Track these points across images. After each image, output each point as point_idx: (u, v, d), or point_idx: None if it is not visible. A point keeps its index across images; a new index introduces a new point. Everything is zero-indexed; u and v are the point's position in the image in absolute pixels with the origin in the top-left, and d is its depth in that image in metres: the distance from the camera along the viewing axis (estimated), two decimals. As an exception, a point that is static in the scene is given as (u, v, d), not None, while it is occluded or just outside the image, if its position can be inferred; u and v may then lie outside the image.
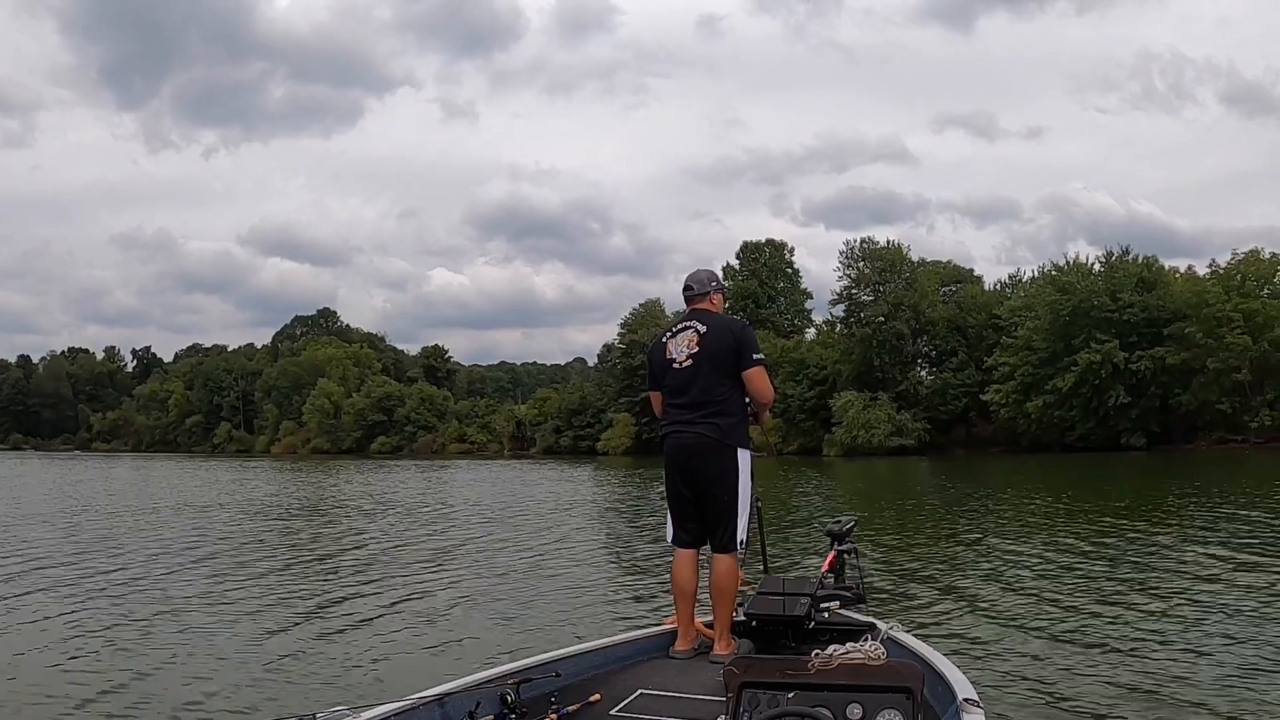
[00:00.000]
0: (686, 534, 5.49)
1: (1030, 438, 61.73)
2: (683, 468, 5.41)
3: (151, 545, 16.49)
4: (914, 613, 9.42)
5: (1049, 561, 12.95)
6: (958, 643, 8.02)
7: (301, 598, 11.16)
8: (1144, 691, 6.61)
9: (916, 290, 70.25)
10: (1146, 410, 58.15)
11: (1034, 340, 61.42)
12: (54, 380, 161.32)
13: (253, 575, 12.90)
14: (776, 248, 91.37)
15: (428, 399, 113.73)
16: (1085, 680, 6.92)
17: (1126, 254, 63.48)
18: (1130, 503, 21.89)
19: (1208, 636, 8.17)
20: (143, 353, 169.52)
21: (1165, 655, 7.59)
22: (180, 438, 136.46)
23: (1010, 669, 7.27)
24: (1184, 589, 10.46)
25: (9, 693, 7.11)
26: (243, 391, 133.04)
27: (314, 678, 7.41)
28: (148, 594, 11.40)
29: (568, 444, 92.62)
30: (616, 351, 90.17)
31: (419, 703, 3.95)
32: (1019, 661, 7.50)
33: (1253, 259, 58.53)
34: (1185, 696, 6.49)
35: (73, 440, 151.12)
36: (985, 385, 64.47)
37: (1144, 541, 14.67)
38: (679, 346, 5.45)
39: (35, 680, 7.45)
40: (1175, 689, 6.65)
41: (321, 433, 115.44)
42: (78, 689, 7.13)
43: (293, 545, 16.86)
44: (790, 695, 3.56)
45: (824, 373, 71.68)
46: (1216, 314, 54.96)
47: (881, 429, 65.64)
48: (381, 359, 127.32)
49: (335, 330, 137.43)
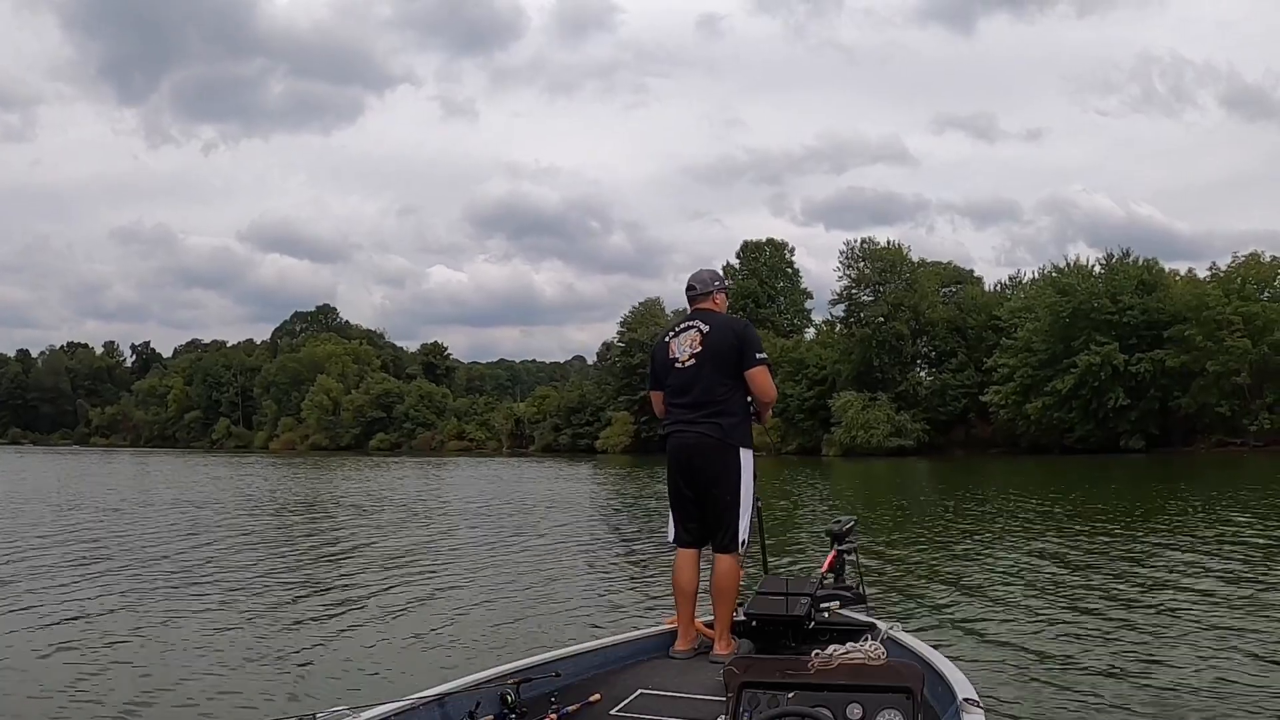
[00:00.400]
0: (688, 534, 5.48)
1: (1029, 439, 61.71)
2: (685, 467, 5.41)
3: (150, 545, 16.36)
4: (914, 613, 9.40)
5: (1049, 562, 12.93)
6: (958, 643, 8.01)
7: (300, 597, 11.09)
8: (1144, 691, 6.59)
9: (916, 291, 70.20)
10: (1146, 413, 58.16)
11: (1034, 342, 61.39)
12: (53, 375, 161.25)
13: (251, 574, 12.81)
14: (777, 247, 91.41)
15: (426, 396, 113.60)
16: (1086, 680, 6.90)
17: (1127, 256, 63.57)
18: (1131, 505, 21.84)
19: (1208, 636, 8.15)
20: (142, 348, 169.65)
21: (1165, 655, 7.57)
22: (179, 433, 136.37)
23: (1011, 669, 7.25)
24: (1183, 590, 10.44)
25: (1, 694, 7.04)
26: (242, 387, 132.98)
27: (314, 677, 7.37)
28: (146, 594, 11.29)
29: (566, 442, 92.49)
30: (616, 350, 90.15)
31: (419, 703, 3.95)
32: (1019, 661, 7.47)
33: (1253, 262, 58.59)
34: (1185, 696, 6.48)
35: (71, 435, 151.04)
36: (985, 386, 64.45)
37: (1144, 543, 14.66)
38: (681, 346, 5.44)
39: (30, 679, 7.38)
40: (1175, 688, 6.63)
41: (320, 429, 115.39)
42: (74, 689, 7.08)
43: (291, 543, 16.81)
44: (790, 695, 3.55)
45: (823, 373, 71.69)
46: (1216, 317, 54.96)
47: (880, 429, 65.63)
48: (380, 355, 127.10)
49: (335, 326, 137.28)
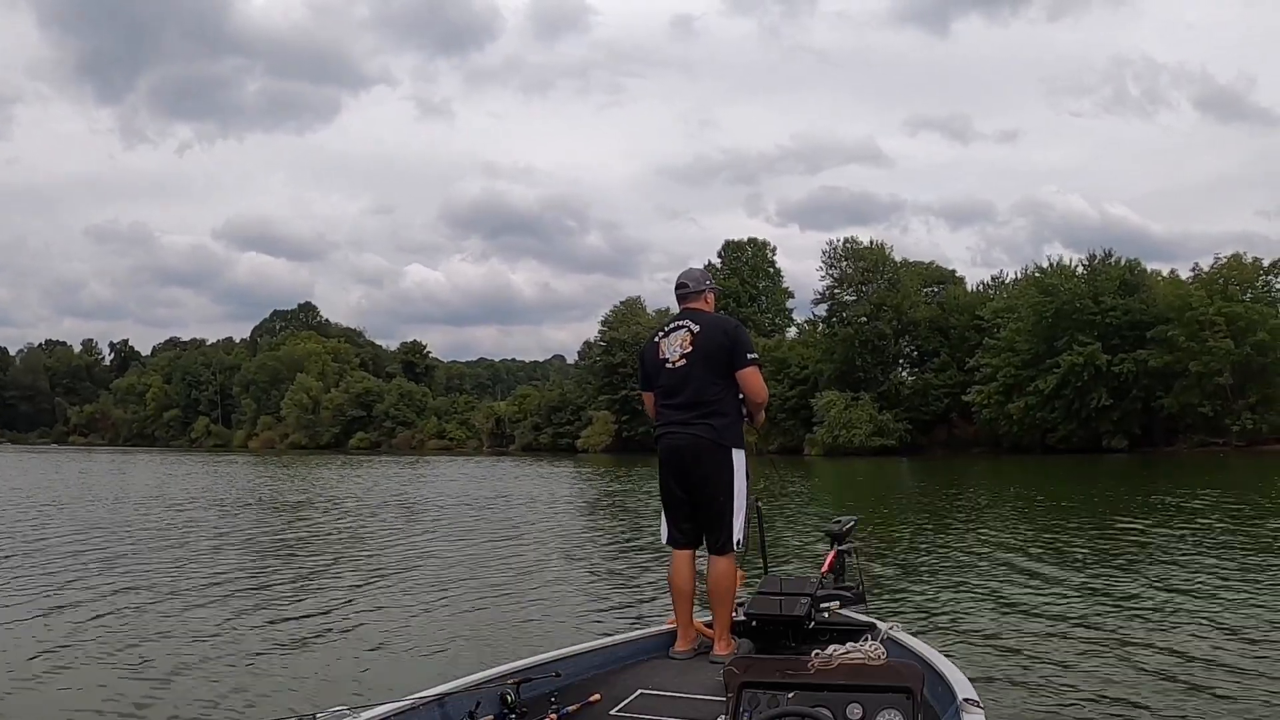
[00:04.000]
0: (682, 534, 5.43)
1: (1011, 439, 62.09)
2: (677, 468, 5.36)
3: (150, 545, 16.18)
4: (913, 613, 9.37)
5: (1047, 562, 12.91)
6: (958, 643, 7.98)
7: (299, 597, 11.00)
8: (1144, 691, 6.58)
9: (899, 291, 70.58)
10: (1128, 413, 58.64)
11: (1017, 341, 61.82)
12: (31, 373, 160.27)
13: (249, 575, 12.66)
14: (758, 246, 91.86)
15: (406, 395, 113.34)
16: (1086, 680, 6.89)
17: (1110, 257, 64.07)
18: (1121, 505, 21.89)
19: (1208, 636, 8.15)
20: (120, 346, 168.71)
21: (1165, 655, 7.56)
22: (158, 432, 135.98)
23: (1011, 669, 7.22)
24: (1183, 589, 10.44)
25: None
26: (221, 386, 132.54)
27: (313, 677, 7.33)
28: (145, 592, 11.19)
29: (547, 441, 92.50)
30: (597, 349, 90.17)
31: (419, 703, 3.92)
32: (1020, 661, 7.45)
33: (1235, 263, 59.10)
34: (1186, 695, 6.47)
35: (50, 434, 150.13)
36: (967, 386, 64.81)
37: (1141, 543, 14.68)
38: (671, 346, 5.37)
39: (30, 679, 7.27)
40: (1175, 688, 6.63)
41: (299, 428, 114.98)
42: (75, 690, 6.99)
43: (286, 544, 16.57)
44: (790, 695, 3.54)
45: (805, 372, 71.98)
46: (1199, 317, 55.46)
47: (863, 429, 65.96)
48: (360, 354, 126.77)
49: (315, 325, 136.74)
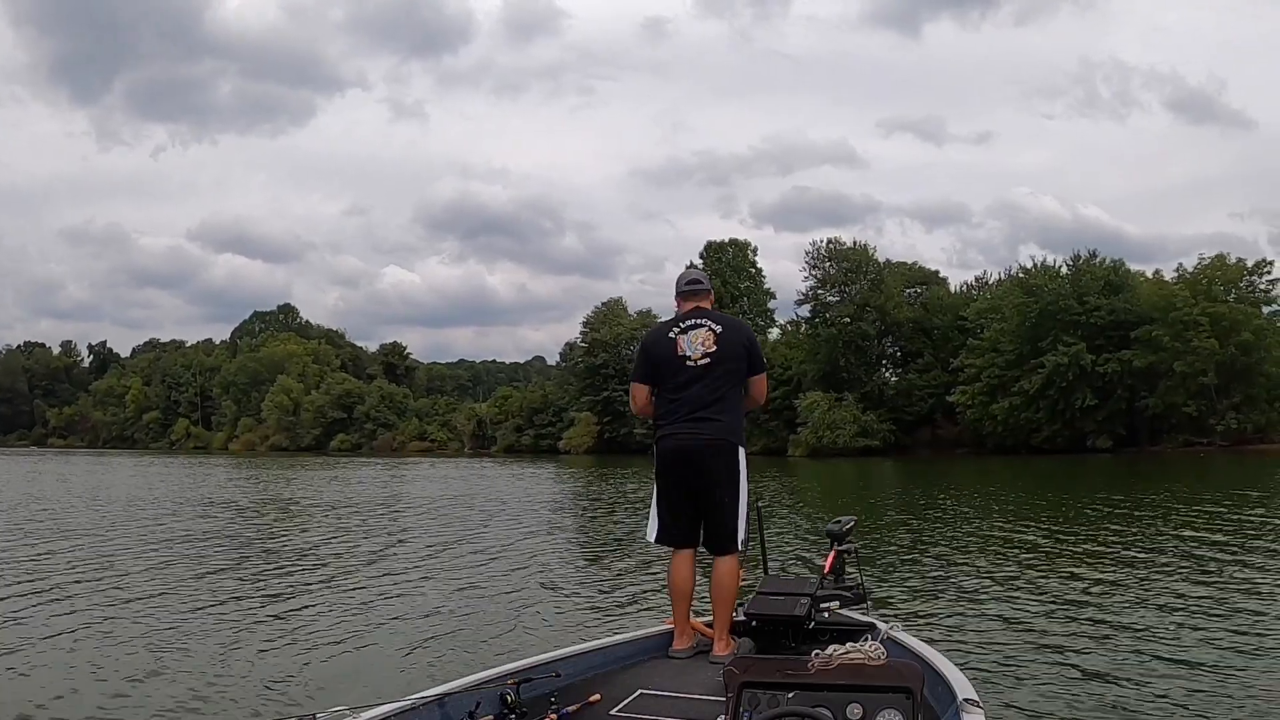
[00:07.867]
0: (681, 534, 5.39)
1: (995, 439, 62.24)
2: (686, 468, 5.31)
3: (148, 545, 16.16)
4: (913, 613, 9.37)
5: (1043, 562, 12.95)
6: (958, 643, 7.96)
7: (297, 598, 10.97)
8: (1145, 691, 6.57)
9: (882, 291, 70.76)
10: (1113, 413, 58.89)
11: (1001, 342, 62.05)
12: (9, 375, 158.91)
13: (247, 576, 12.63)
14: (740, 247, 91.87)
15: (387, 397, 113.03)
16: (1086, 680, 6.88)
17: (1094, 257, 64.31)
18: (1112, 504, 21.98)
19: (1207, 635, 8.17)
20: (99, 348, 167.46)
21: (1165, 654, 7.56)
22: (138, 434, 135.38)
23: (1011, 669, 7.22)
24: (1181, 590, 10.45)
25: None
26: (201, 387, 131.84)
27: (313, 678, 7.31)
28: (143, 592, 11.18)
29: (529, 443, 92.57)
30: (579, 350, 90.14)
31: (419, 703, 3.91)
32: (1019, 661, 7.45)
33: (1219, 263, 59.41)
34: (1186, 694, 6.45)
35: (28, 436, 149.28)
36: (951, 387, 65.00)
37: (1138, 543, 14.75)
38: (693, 344, 5.33)
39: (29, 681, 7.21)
40: (1175, 688, 6.61)
41: (280, 430, 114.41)
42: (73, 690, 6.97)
43: (282, 546, 16.44)
44: (790, 695, 3.54)
45: (789, 373, 71.78)
46: (1184, 317, 55.69)
47: (847, 430, 66.06)
48: (340, 355, 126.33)
49: (295, 326, 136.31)
